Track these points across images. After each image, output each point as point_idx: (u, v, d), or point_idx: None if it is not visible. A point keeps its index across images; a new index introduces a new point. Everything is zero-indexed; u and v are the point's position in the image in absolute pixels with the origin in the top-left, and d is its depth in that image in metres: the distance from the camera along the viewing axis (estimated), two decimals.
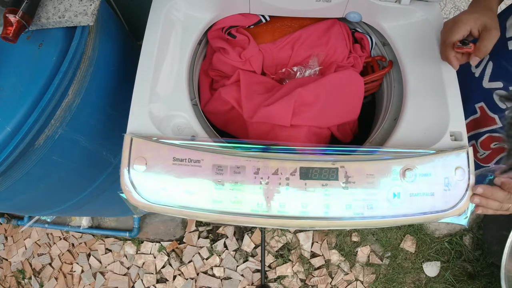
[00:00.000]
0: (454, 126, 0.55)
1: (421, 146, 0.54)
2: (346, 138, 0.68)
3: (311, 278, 1.31)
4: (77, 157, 0.64)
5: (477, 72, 0.63)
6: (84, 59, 0.56)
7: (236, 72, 0.66)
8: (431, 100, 0.58)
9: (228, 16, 0.65)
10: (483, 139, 0.65)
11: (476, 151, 0.67)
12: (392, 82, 0.67)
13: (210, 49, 0.71)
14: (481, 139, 0.66)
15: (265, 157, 0.51)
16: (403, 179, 0.51)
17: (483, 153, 0.66)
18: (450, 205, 0.51)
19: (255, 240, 1.35)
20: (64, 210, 0.81)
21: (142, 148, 0.50)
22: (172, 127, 0.54)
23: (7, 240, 1.44)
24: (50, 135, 0.54)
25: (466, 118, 0.59)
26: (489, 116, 0.63)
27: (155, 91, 0.55)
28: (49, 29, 0.53)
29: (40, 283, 1.37)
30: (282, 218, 0.50)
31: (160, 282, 1.32)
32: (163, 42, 0.58)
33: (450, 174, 0.51)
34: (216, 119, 0.68)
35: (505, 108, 0.58)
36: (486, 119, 0.64)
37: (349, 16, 0.66)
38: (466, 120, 0.56)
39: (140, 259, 1.34)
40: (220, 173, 0.50)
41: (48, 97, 0.49)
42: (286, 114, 0.59)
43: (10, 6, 0.47)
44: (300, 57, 0.68)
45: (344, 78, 0.64)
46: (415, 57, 0.61)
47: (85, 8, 0.52)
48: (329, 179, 0.50)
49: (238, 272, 1.32)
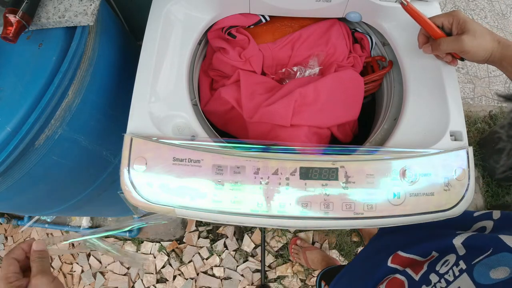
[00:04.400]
0: (454, 126, 0.55)
1: (421, 146, 0.53)
2: (346, 138, 0.68)
3: (311, 278, 1.31)
4: (77, 157, 0.64)
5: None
6: (84, 59, 0.55)
7: (236, 72, 0.66)
8: (431, 100, 0.58)
9: (228, 16, 0.65)
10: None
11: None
12: (392, 82, 0.67)
13: (210, 49, 0.71)
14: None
15: (265, 157, 0.51)
16: (403, 179, 0.51)
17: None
18: (450, 205, 0.51)
19: (255, 240, 1.35)
20: (64, 210, 0.81)
21: (142, 148, 0.50)
22: (172, 127, 0.54)
23: (7, 240, 1.44)
24: (50, 135, 0.54)
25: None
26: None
27: (155, 91, 0.55)
28: (49, 29, 0.53)
29: None
30: (282, 218, 0.50)
31: (160, 282, 1.32)
32: (163, 42, 0.58)
33: (450, 174, 0.51)
34: (216, 119, 0.68)
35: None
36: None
37: (349, 16, 0.66)
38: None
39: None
40: (220, 173, 0.50)
41: (48, 97, 0.49)
42: (286, 114, 0.59)
43: (10, 6, 0.47)
44: (300, 57, 0.68)
45: (344, 78, 0.64)
46: (415, 57, 0.61)
47: (85, 8, 0.52)
48: (329, 179, 0.50)
49: (238, 272, 1.32)
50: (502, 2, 1.88)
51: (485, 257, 0.36)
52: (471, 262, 0.37)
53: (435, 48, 0.55)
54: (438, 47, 0.55)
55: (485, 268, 0.35)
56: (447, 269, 0.39)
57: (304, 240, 1.34)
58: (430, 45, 0.56)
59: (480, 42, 0.51)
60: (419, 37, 0.58)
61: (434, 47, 0.56)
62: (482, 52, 0.51)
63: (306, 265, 1.28)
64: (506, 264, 0.33)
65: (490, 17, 1.83)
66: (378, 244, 0.62)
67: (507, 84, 1.65)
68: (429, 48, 0.57)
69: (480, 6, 1.86)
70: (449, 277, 0.38)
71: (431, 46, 0.56)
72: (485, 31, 0.51)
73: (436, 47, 0.55)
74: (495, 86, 1.66)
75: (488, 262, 0.35)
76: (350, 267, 0.66)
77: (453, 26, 0.54)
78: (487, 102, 1.62)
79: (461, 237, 0.43)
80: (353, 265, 0.65)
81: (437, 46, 0.55)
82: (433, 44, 0.56)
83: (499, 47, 0.51)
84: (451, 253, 0.42)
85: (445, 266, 0.40)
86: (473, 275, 0.35)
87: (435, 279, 0.40)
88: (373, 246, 0.63)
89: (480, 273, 0.35)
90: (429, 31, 0.55)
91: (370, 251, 0.63)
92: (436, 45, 0.55)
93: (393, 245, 0.54)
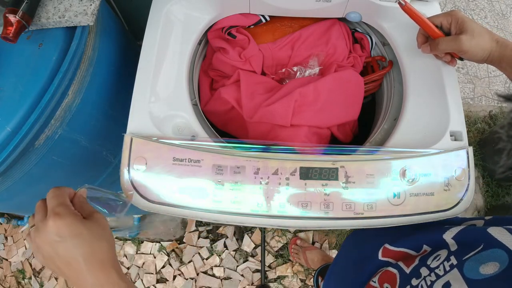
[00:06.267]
0: (454, 126, 0.55)
1: (421, 146, 0.53)
2: (346, 138, 0.68)
3: (311, 278, 1.31)
4: (77, 157, 0.64)
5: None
6: (84, 59, 0.55)
7: (236, 72, 0.66)
8: (431, 100, 0.58)
9: (228, 16, 0.65)
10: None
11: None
12: (392, 82, 0.67)
13: (210, 49, 0.71)
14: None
15: (265, 157, 0.51)
16: (403, 179, 0.51)
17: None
18: (450, 205, 0.51)
19: (255, 240, 1.35)
20: None
21: (142, 148, 0.50)
22: (172, 127, 0.54)
23: (7, 240, 1.44)
24: (50, 135, 0.54)
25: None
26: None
27: (155, 91, 0.55)
28: (49, 29, 0.53)
29: (40, 283, 1.37)
30: (282, 218, 0.50)
31: (160, 282, 1.32)
32: (163, 42, 0.58)
33: (450, 174, 0.51)
34: (216, 119, 0.68)
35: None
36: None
37: (349, 16, 0.66)
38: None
39: (140, 259, 1.34)
40: (220, 173, 0.50)
41: (48, 97, 0.49)
42: (286, 114, 0.59)
43: (10, 6, 0.47)
44: (300, 57, 0.68)
45: (344, 78, 0.64)
46: (415, 57, 0.61)
47: (85, 8, 0.52)
48: (329, 179, 0.50)
49: (238, 272, 1.32)
50: (502, 2, 1.88)
51: (476, 253, 0.36)
52: (462, 258, 0.37)
53: (434, 48, 0.55)
54: (437, 47, 0.55)
55: (475, 263, 0.35)
56: (438, 263, 0.40)
57: (304, 240, 1.34)
58: (428, 45, 0.56)
59: (479, 42, 0.51)
60: (418, 37, 0.58)
61: (433, 47, 0.56)
62: (480, 52, 0.51)
63: (306, 265, 1.28)
64: (496, 259, 0.34)
65: (490, 17, 1.83)
66: (365, 233, 0.62)
67: (507, 84, 1.65)
68: (427, 48, 0.57)
69: (480, 6, 1.86)
70: (440, 271, 0.38)
71: (429, 46, 0.56)
72: (484, 31, 0.51)
73: (434, 47, 0.55)
74: (495, 86, 1.66)
75: (479, 258, 0.36)
76: (340, 258, 0.66)
77: (451, 25, 0.54)
78: (487, 102, 1.62)
79: (451, 232, 0.43)
80: (343, 256, 0.65)
81: (436, 46, 0.55)
82: (431, 44, 0.56)
83: (498, 47, 0.51)
84: (443, 249, 0.42)
85: (436, 260, 0.40)
86: (463, 271, 0.35)
87: (425, 272, 0.40)
88: (359, 234, 0.64)
89: (470, 268, 0.35)
90: (428, 31, 0.55)
91: (359, 240, 0.63)
92: (434, 45, 0.55)
93: (381, 235, 0.54)
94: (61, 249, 0.35)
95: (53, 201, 0.37)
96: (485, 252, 0.36)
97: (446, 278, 0.36)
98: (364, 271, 0.51)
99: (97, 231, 0.37)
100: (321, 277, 1.05)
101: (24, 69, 0.51)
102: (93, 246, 0.36)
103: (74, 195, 0.40)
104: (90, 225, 0.37)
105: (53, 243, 0.35)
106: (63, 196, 0.38)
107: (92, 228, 0.37)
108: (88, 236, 0.36)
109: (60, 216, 0.35)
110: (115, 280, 0.36)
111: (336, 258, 0.67)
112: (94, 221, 0.38)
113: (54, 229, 0.35)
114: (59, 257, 0.35)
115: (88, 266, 0.35)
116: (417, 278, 0.40)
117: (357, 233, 0.66)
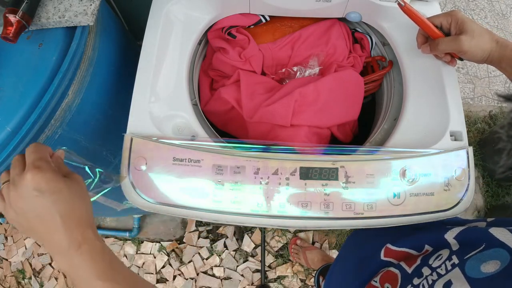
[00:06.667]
0: (454, 126, 0.55)
1: (421, 146, 0.54)
2: (346, 138, 0.68)
3: (311, 278, 1.31)
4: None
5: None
6: (84, 59, 0.55)
7: (236, 72, 0.66)
8: (431, 100, 0.58)
9: (228, 16, 0.65)
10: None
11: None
12: (392, 82, 0.67)
13: (210, 49, 0.71)
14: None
15: (265, 157, 0.51)
16: (403, 179, 0.51)
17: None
18: (450, 205, 0.51)
19: (255, 240, 1.35)
20: None
21: (142, 148, 0.50)
22: (172, 127, 0.54)
23: (7, 240, 1.44)
24: (50, 135, 0.54)
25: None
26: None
27: (155, 91, 0.55)
28: (49, 29, 0.53)
29: (40, 283, 1.37)
30: (282, 218, 0.50)
31: (160, 282, 1.32)
32: (163, 42, 0.58)
33: (450, 174, 0.51)
34: (216, 119, 0.68)
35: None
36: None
37: (349, 16, 0.66)
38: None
39: (140, 259, 1.34)
40: (220, 173, 0.50)
41: (48, 97, 0.49)
42: (286, 114, 0.59)
43: (10, 6, 0.47)
44: (300, 57, 0.68)
45: (344, 78, 0.64)
46: (415, 57, 0.61)
47: (85, 8, 0.52)
48: (329, 179, 0.50)
49: (238, 272, 1.32)
50: (502, 2, 1.88)
51: (477, 252, 0.37)
52: (464, 257, 0.37)
53: (434, 48, 0.55)
54: (436, 47, 0.55)
55: (476, 262, 0.35)
56: (440, 263, 0.40)
57: (304, 240, 1.34)
58: (428, 45, 0.57)
59: (478, 42, 0.51)
60: (418, 37, 0.58)
61: (433, 47, 0.56)
62: (480, 52, 0.51)
63: (306, 265, 1.28)
64: (498, 258, 0.34)
65: (490, 17, 1.83)
66: (365, 233, 0.62)
67: (507, 84, 1.65)
68: (427, 48, 0.57)
69: (480, 6, 1.86)
70: (441, 270, 0.39)
71: (429, 46, 0.56)
72: (484, 31, 0.51)
73: (434, 47, 0.55)
74: (495, 86, 1.66)
75: (480, 257, 0.36)
76: (341, 258, 0.66)
77: (451, 26, 0.54)
78: (487, 102, 1.62)
79: (452, 232, 0.43)
80: (344, 256, 0.65)
81: (435, 46, 0.55)
82: (431, 44, 0.56)
83: (498, 47, 0.51)
84: (445, 248, 0.42)
85: (438, 260, 0.41)
86: (465, 269, 0.36)
87: (427, 272, 0.40)
88: (360, 234, 0.64)
89: (472, 267, 0.35)
90: (427, 31, 0.55)
91: (360, 239, 0.63)
92: (434, 45, 0.55)
93: (381, 235, 0.54)
94: (38, 204, 0.34)
95: (34, 155, 0.35)
96: (486, 252, 0.36)
97: (447, 277, 0.36)
98: (365, 271, 0.51)
99: (76, 189, 0.36)
100: (322, 277, 1.05)
101: (24, 69, 0.51)
102: (72, 204, 0.35)
103: (53, 155, 0.39)
104: (70, 183, 0.36)
105: (30, 198, 0.33)
106: (44, 152, 0.37)
107: (71, 186, 0.36)
108: (67, 193, 0.35)
109: (40, 169, 0.34)
110: (91, 239, 0.35)
111: (337, 258, 0.67)
112: (73, 180, 0.37)
113: (33, 183, 0.33)
114: (34, 213, 0.34)
115: (65, 224, 0.34)
116: (419, 278, 0.40)
117: (358, 233, 0.66)
